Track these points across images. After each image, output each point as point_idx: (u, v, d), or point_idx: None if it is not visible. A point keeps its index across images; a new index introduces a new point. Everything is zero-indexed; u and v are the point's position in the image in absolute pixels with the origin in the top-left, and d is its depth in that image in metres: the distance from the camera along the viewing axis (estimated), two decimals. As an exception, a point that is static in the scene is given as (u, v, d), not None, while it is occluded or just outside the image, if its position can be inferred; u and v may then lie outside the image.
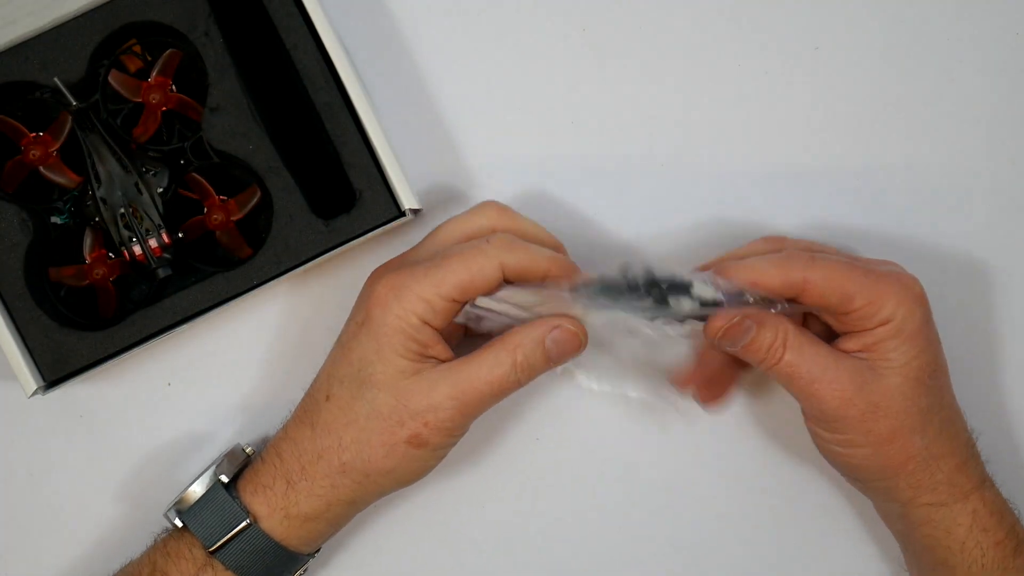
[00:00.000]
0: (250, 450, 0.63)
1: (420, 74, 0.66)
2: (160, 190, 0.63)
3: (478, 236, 0.58)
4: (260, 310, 0.66)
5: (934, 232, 0.66)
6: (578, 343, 0.58)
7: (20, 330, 0.61)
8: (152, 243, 0.62)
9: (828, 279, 0.56)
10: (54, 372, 0.61)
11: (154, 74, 0.62)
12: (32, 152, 0.62)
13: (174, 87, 0.63)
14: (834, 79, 0.66)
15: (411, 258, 0.60)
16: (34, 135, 0.62)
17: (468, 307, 0.57)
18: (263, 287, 0.61)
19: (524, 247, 0.57)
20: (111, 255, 0.63)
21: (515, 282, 0.57)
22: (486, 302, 0.57)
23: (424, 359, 0.57)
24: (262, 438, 0.66)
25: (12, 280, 0.61)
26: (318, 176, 0.62)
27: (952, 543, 0.58)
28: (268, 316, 0.66)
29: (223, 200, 0.63)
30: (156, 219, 0.62)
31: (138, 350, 0.61)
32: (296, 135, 0.62)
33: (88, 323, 0.62)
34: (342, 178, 0.61)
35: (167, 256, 0.62)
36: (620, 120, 0.66)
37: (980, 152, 0.66)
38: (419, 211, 0.63)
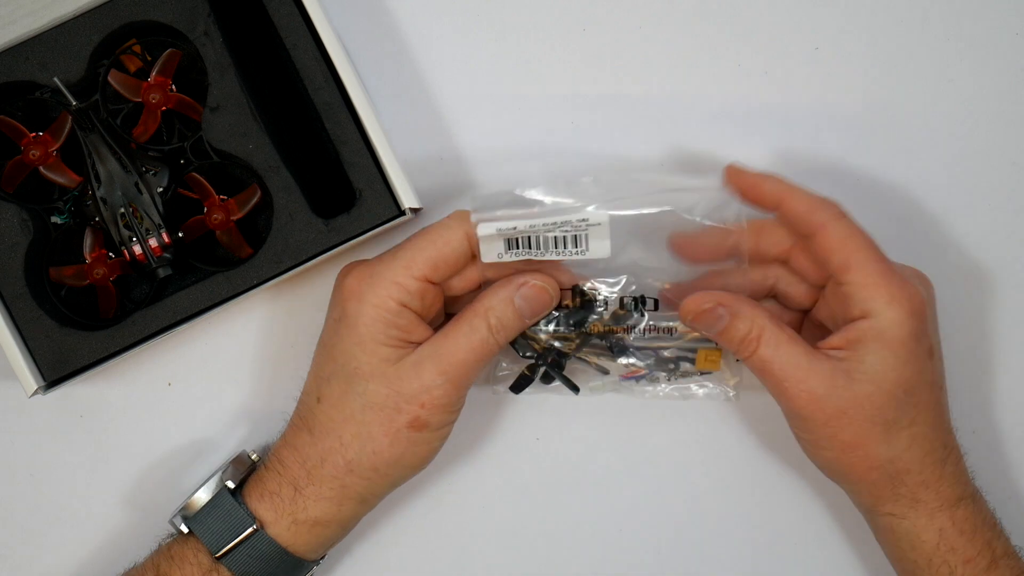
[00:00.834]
0: (255, 456, 0.63)
1: (420, 74, 0.66)
2: (160, 190, 0.63)
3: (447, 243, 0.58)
4: (260, 310, 0.66)
5: (934, 233, 0.66)
6: (547, 297, 0.58)
7: (20, 330, 0.61)
8: (152, 243, 0.61)
9: (844, 237, 0.55)
10: (54, 372, 0.61)
11: (154, 74, 0.62)
12: (32, 152, 0.62)
13: (174, 87, 0.63)
14: (834, 79, 0.66)
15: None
16: (34, 135, 0.62)
17: (496, 229, 0.56)
18: (263, 287, 0.61)
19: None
20: (111, 255, 0.63)
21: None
22: (501, 222, 0.56)
23: (407, 344, 0.57)
24: (264, 440, 0.66)
25: (12, 280, 0.61)
26: (318, 175, 0.62)
27: (918, 558, 0.57)
28: (268, 316, 0.66)
29: (223, 200, 0.63)
30: (156, 219, 0.62)
31: (138, 350, 0.61)
32: (296, 134, 0.62)
33: (88, 323, 0.62)
34: (342, 177, 0.61)
35: (167, 256, 0.62)
36: (620, 120, 0.66)
37: (980, 153, 0.66)
38: (419, 210, 0.63)
